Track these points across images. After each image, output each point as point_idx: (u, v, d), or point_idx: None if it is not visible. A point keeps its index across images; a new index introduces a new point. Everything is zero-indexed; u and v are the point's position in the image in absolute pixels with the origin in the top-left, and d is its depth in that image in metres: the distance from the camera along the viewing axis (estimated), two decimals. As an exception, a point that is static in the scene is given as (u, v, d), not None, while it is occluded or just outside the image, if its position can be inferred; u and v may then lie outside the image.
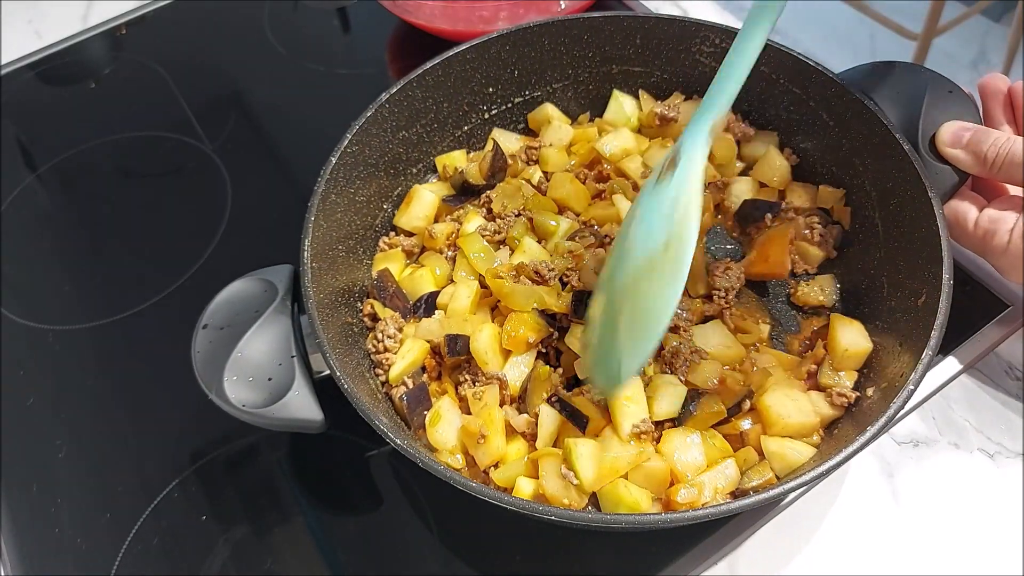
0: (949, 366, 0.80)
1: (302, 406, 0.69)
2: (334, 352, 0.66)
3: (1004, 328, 0.82)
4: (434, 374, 0.76)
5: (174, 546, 0.76)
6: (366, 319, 0.79)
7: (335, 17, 1.27)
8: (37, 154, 1.12)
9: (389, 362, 0.75)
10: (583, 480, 0.64)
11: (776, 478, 0.68)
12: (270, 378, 0.69)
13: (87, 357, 0.90)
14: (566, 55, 0.90)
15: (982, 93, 0.80)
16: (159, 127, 1.12)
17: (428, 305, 0.78)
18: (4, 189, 1.07)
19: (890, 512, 0.74)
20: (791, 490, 0.59)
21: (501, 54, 0.88)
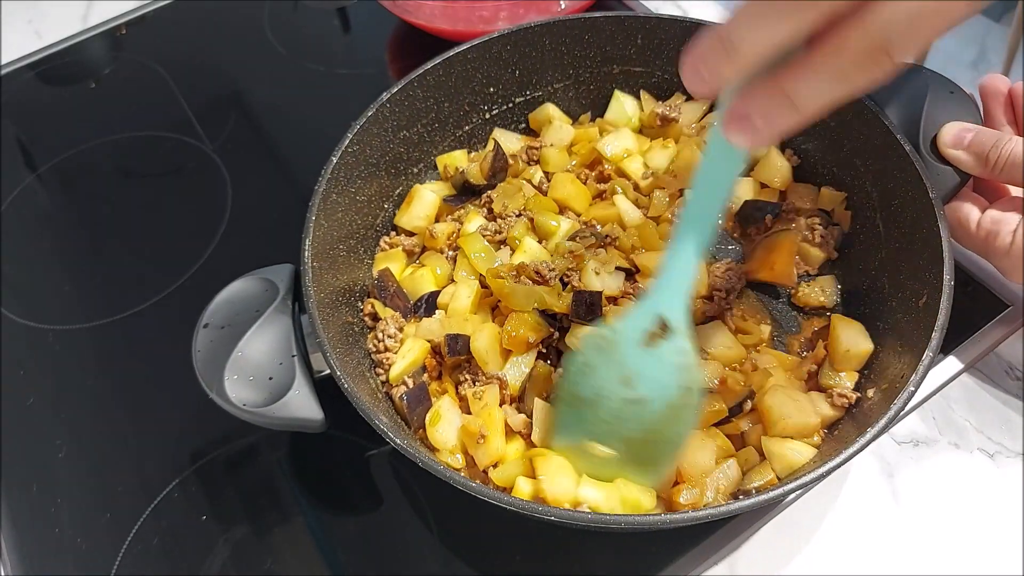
0: (949, 366, 0.80)
1: (302, 405, 0.68)
2: (334, 351, 0.66)
3: (1004, 328, 0.82)
4: (434, 374, 0.76)
5: (174, 546, 0.76)
6: (367, 319, 0.79)
7: (335, 17, 1.27)
8: (37, 154, 1.12)
9: (389, 362, 0.75)
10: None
11: (777, 479, 0.68)
12: (271, 377, 0.69)
13: (87, 357, 0.90)
14: (567, 55, 0.90)
15: (982, 94, 0.80)
16: (159, 127, 1.12)
17: (429, 305, 0.78)
18: (4, 189, 1.07)
19: (890, 512, 0.74)
20: (791, 491, 0.58)
21: (502, 54, 0.88)
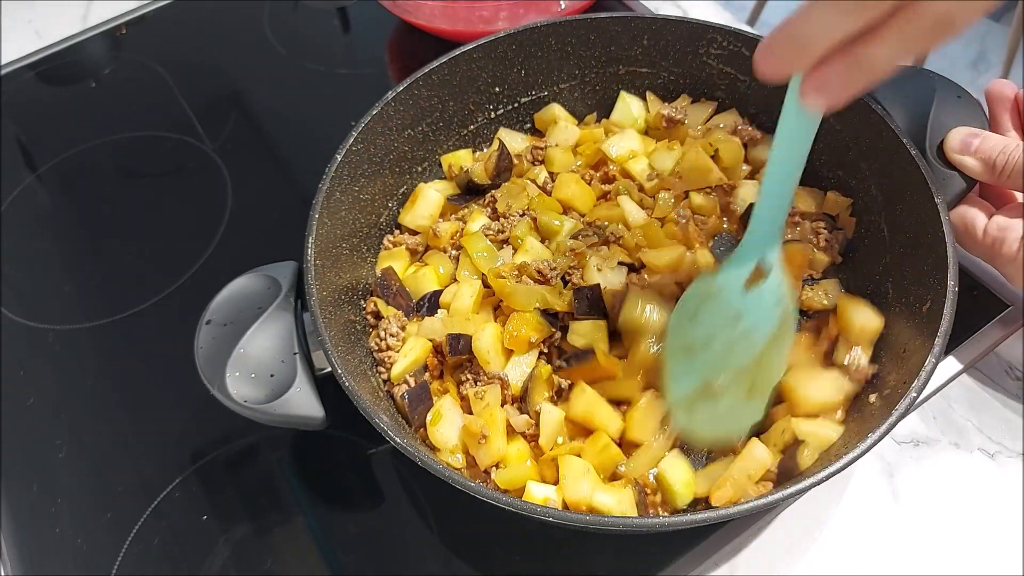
0: (949, 366, 0.81)
1: (303, 403, 0.68)
2: (336, 349, 0.66)
3: (1004, 328, 0.82)
4: (436, 373, 0.76)
5: (174, 546, 0.75)
6: (369, 317, 0.79)
7: (335, 17, 1.27)
8: (37, 154, 1.12)
9: (391, 360, 0.75)
10: (680, 486, 0.68)
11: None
12: (272, 374, 0.69)
13: (87, 357, 0.90)
14: (573, 55, 0.90)
15: (988, 99, 0.79)
16: (159, 127, 1.12)
17: (431, 304, 0.78)
18: (4, 189, 1.07)
19: (890, 512, 0.74)
20: (791, 495, 0.58)
21: (508, 54, 0.88)
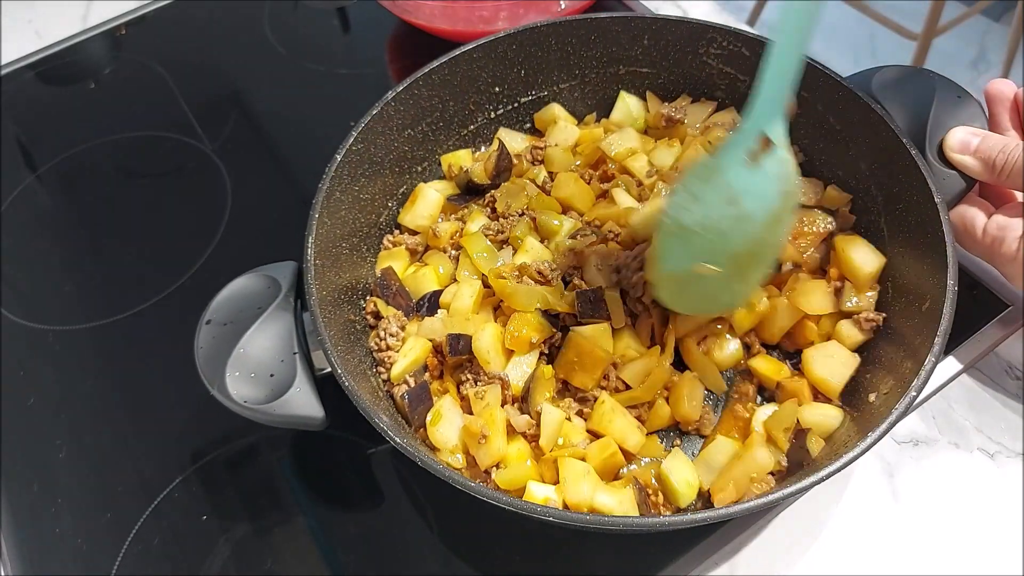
0: (949, 366, 0.81)
1: (303, 403, 0.68)
2: (336, 349, 0.66)
3: (1004, 328, 0.82)
4: (436, 373, 0.76)
5: (174, 546, 0.75)
6: (369, 317, 0.79)
7: (335, 17, 1.27)
8: (37, 154, 1.12)
9: (391, 360, 0.75)
10: (683, 487, 0.68)
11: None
12: (272, 374, 0.69)
13: (87, 357, 0.90)
14: (573, 55, 0.90)
15: (988, 99, 0.79)
16: (159, 127, 1.12)
17: (431, 304, 0.78)
18: (4, 189, 1.07)
19: (890, 512, 0.74)
20: (791, 494, 0.58)
21: (508, 54, 0.88)
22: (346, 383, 0.64)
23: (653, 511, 0.68)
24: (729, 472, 0.68)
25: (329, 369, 0.66)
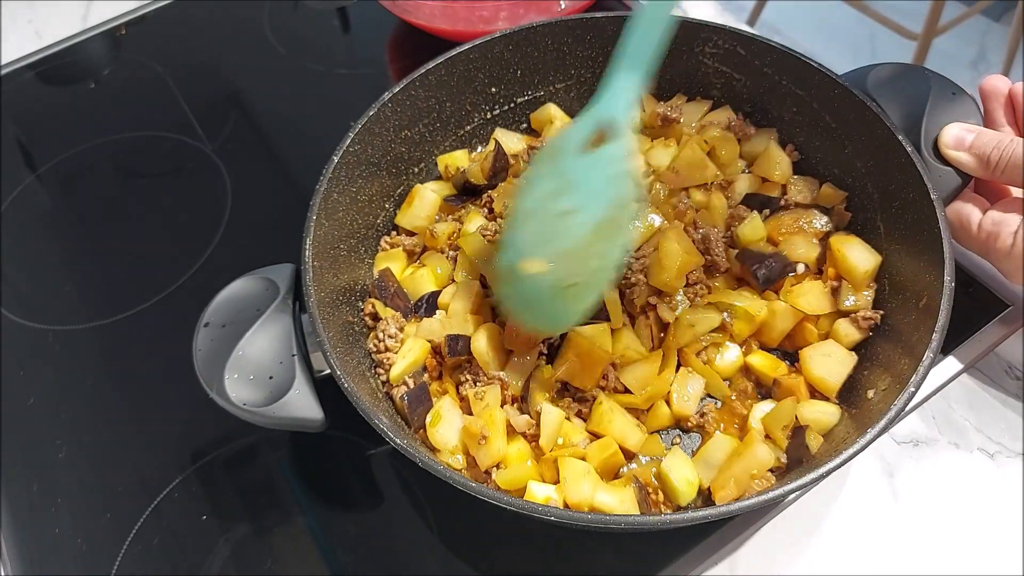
0: (949, 366, 0.80)
1: (303, 405, 0.68)
2: (335, 351, 0.66)
3: (1004, 328, 0.82)
4: (435, 374, 0.76)
5: (174, 546, 0.76)
6: (367, 318, 0.79)
7: (335, 17, 1.27)
8: (37, 154, 1.12)
9: (390, 361, 0.75)
10: (682, 485, 0.68)
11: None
12: (271, 376, 0.69)
13: (87, 357, 0.90)
14: (569, 55, 0.90)
15: (983, 94, 0.80)
16: (159, 127, 1.12)
17: (429, 305, 0.78)
18: (4, 189, 1.07)
19: (890, 512, 0.74)
20: (791, 491, 0.59)
21: (504, 54, 0.88)
22: (345, 385, 0.64)
23: (653, 510, 0.68)
24: (729, 469, 0.68)
25: (328, 371, 0.66)
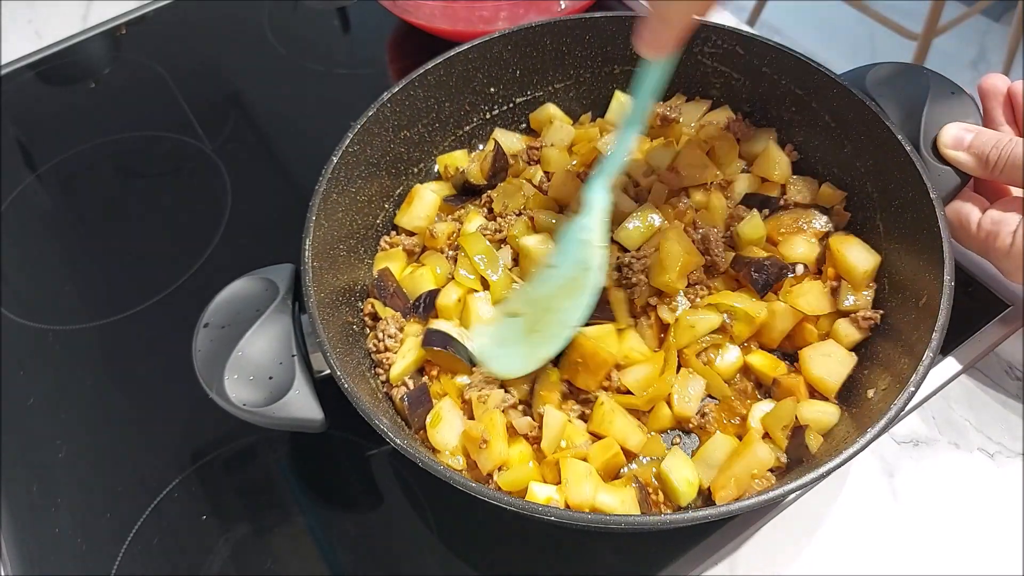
0: (949, 366, 0.80)
1: (302, 405, 0.68)
2: (334, 351, 0.66)
3: (1004, 328, 0.82)
4: (435, 375, 0.76)
5: (174, 546, 0.76)
6: (367, 318, 0.79)
7: (335, 17, 1.27)
8: (37, 154, 1.12)
9: (389, 361, 0.75)
10: (683, 485, 0.68)
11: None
12: (271, 377, 0.69)
13: (87, 357, 0.90)
14: (568, 55, 0.90)
15: (981, 93, 0.80)
16: (159, 127, 1.12)
17: (427, 303, 0.78)
18: (4, 189, 1.07)
19: (890, 512, 0.74)
20: (791, 491, 0.59)
21: (503, 54, 0.88)
22: (345, 385, 0.64)
23: (654, 510, 0.68)
24: (729, 469, 0.68)
25: (328, 371, 0.66)
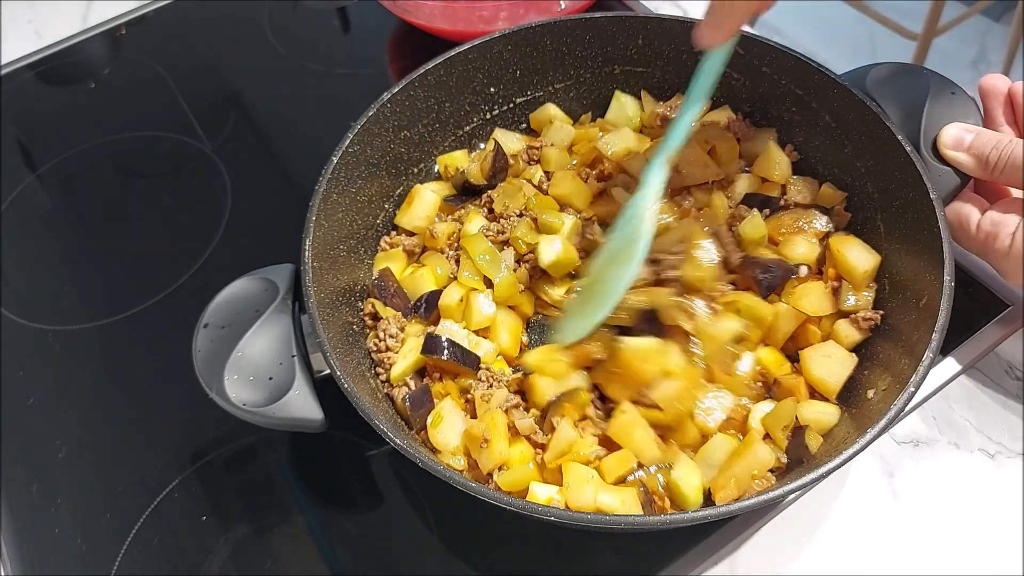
0: (949, 366, 0.80)
1: (302, 405, 0.68)
2: (335, 351, 0.66)
3: (1004, 328, 0.82)
4: (436, 375, 0.76)
5: (174, 546, 0.76)
6: (367, 318, 0.79)
7: (335, 17, 1.27)
8: (37, 154, 1.12)
9: (390, 361, 0.75)
10: (693, 493, 0.67)
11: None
12: (271, 377, 0.69)
13: (87, 357, 0.90)
14: (568, 55, 0.90)
15: (982, 94, 0.80)
16: (159, 127, 1.12)
17: (428, 304, 0.78)
18: (4, 189, 1.07)
19: (890, 512, 0.74)
20: (791, 491, 0.59)
21: (503, 54, 0.88)
22: (345, 385, 0.64)
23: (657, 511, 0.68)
24: (729, 469, 0.68)
25: (328, 371, 0.66)
